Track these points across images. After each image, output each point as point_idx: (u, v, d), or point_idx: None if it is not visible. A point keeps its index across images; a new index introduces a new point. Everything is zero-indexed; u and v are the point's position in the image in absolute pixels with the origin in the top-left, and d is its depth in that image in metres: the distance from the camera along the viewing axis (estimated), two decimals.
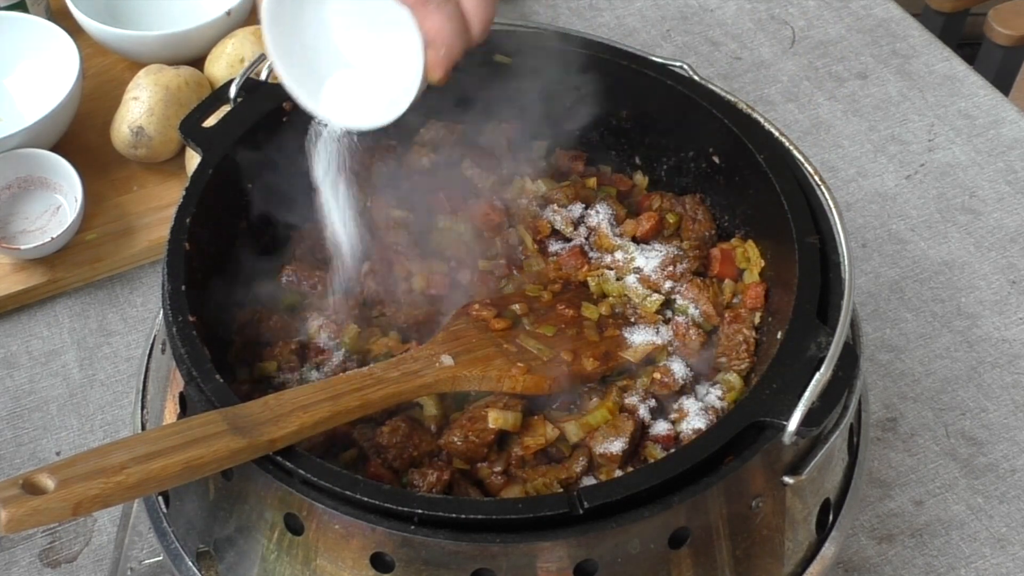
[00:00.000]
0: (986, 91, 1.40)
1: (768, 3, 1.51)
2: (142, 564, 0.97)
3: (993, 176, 1.31)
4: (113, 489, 0.62)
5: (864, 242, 1.25)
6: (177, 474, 0.64)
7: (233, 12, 1.34)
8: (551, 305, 0.88)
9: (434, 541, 0.66)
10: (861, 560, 1.01)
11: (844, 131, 1.36)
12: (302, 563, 0.70)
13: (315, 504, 0.68)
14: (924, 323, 1.18)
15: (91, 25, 1.33)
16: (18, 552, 1.02)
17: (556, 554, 0.67)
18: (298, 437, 0.69)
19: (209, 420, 0.68)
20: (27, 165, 1.21)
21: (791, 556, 0.75)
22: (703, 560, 0.71)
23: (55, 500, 0.60)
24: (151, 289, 1.20)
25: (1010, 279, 1.21)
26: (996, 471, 1.07)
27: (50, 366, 1.15)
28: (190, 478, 0.66)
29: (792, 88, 1.41)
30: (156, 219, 1.23)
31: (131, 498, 0.63)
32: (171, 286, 0.77)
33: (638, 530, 0.67)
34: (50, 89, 1.26)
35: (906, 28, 1.48)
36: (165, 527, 0.79)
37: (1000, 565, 1.01)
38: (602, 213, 0.94)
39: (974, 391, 1.12)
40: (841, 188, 1.30)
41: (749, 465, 0.70)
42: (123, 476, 0.62)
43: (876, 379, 1.13)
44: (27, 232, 1.20)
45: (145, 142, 1.23)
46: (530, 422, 0.80)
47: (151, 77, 1.24)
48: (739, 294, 0.89)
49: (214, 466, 0.66)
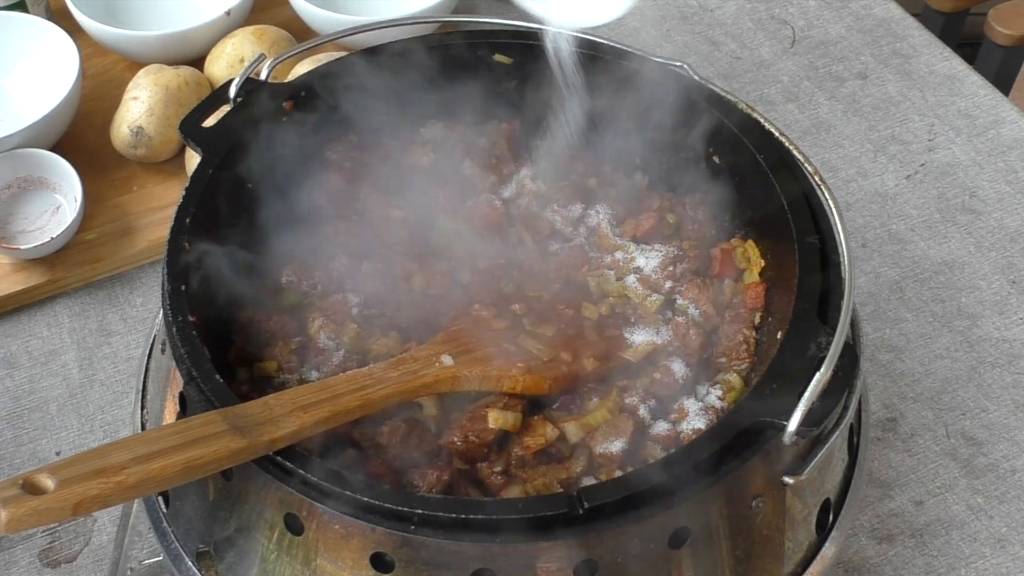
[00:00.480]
0: (986, 91, 1.40)
1: (768, 3, 1.51)
2: (142, 564, 0.97)
3: (993, 176, 1.31)
4: (113, 489, 0.62)
5: (864, 242, 1.25)
6: (177, 474, 0.64)
7: (233, 12, 1.34)
8: (551, 305, 0.87)
9: (434, 541, 0.66)
10: (861, 560, 1.01)
11: (844, 131, 1.36)
12: (302, 563, 0.70)
13: (315, 504, 0.68)
14: (924, 323, 1.18)
15: (91, 25, 1.33)
16: (18, 552, 1.02)
17: (556, 554, 0.67)
18: (298, 437, 0.69)
19: (209, 420, 0.67)
20: (27, 165, 1.21)
21: (791, 556, 0.75)
22: (703, 560, 0.71)
23: (55, 500, 0.60)
24: (151, 289, 1.20)
25: (1010, 279, 1.21)
26: (996, 471, 1.07)
27: (50, 366, 1.15)
28: (190, 478, 0.66)
29: (792, 88, 1.41)
30: (156, 219, 1.23)
31: (131, 498, 0.63)
32: (171, 286, 0.77)
33: (638, 530, 0.67)
34: (50, 89, 1.26)
35: (906, 28, 1.48)
36: (165, 527, 0.78)
37: (1000, 565, 1.01)
38: (602, 213, 0.93)
39: (974, 391, 1.12)
40: (841, 188, 1.30)
41: (749, 465, 0.70)
42: (123, 476, 0.62)
43: (876, 379, 1.13)
44: (27, 232, 1.20)
45: (145, 142, 1.23)
46: (530, 422, 0.80)
47: (151, 77, 1.24)
48: (739, 294, 0.89)
49: (214, 466, 0.66)
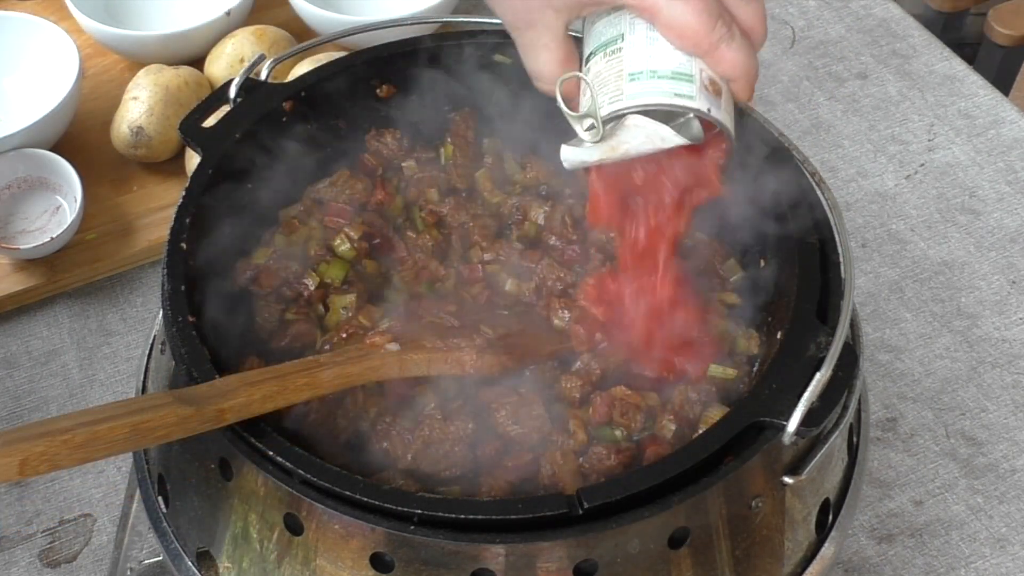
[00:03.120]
0: (986, 91, 1.40)
1: (768, 3, 1.50)
2: (142, 564, 0.97)
3: (993, 176, 1.31)
4: (60, 447, 0.63)
5: (864, 242, 1.25)
6: (125, 436, 0.65)
7: (233, 12, 1.34)
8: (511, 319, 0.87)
9: (434, 541, 0.66)
10: (861, 560, 1.01)
11: (844, 131, 1.36)
12: (302, 563, 0.70)
13: (315, 504, 0.68)
14: (924, 323, 1.18)
15: (91, 25, 1.33)
16: (18, 552, 1.02)
17: (556, 554, 0.67)
18: (248, 410, 0.70)
19: (157, 395, 0.72)
20: (27, 165, 1.21)
21: (791, 556, 0.75)
22: (703, 560, 0.71)
23: (1, 457, 0.61)
24: (151, 289, 1.20)
25: (1010, 279, 1.21)
26: (996, 471, 1.07)
27: (50, 366, 1.15)
28: (139, 443, 0.67)
29: (792, 88, 1.41)
30: (156, 219, 1.23)
31: (80, 460, 0.64)
32: (171, 286, 0.77)
33: (638, 530, 0.67)
34: (50, 89, 1.26)
35: (906, 28, 1.48)
36: (165, 527, 0.79)
37: (1000, 565, 1.01)
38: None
39: (974, 391, 1.12)
40: (841, 188, 1.30)
41: (749, 465, 0.70)
42: (69, 436, 0.63)
43: (876, 379, 1.13)
44: (27, 232, 1.20)
45: (145, 142, 1.23)
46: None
47: (151, 77, 1.24)
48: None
49: (162, 432, 0.67)
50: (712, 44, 0.72)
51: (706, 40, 0.72)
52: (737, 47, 0.72)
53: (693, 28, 0.71)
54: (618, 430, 0.79)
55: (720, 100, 0.74)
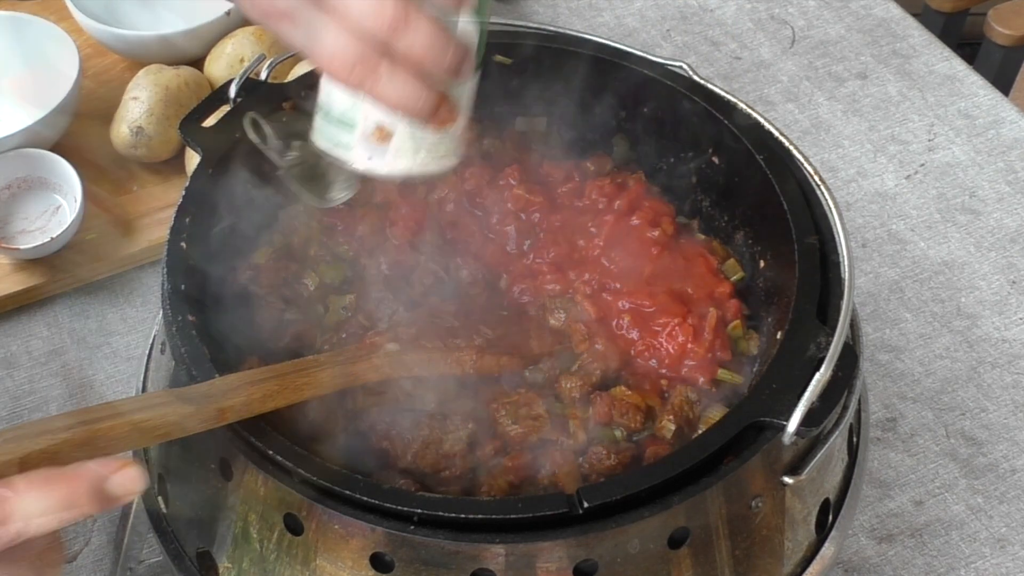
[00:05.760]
0: (986, 91, 1.40)
1: (768, 3, 1.51)
2: (142, 564, 0.97)
3: (993, 176, 1.31)
4: (60, 445, 0.63)
5: (864, 242, 1.25)
6: (125, 435, 0.65)
7: (233, 12, 1.34)
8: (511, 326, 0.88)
9: (434, 541, 0.66)
10: (861, 560, 1.01)
11: (844, 131, 1.36)
12: (302, 563, 0.70)
13: (315, 504, 0.68)
14: (924, 323, 1.18)
15: (91, 25, 1.33)
16: None
17: (556, 554, 0.67)
18: (248, 410, 0.70)
19: (157, 394, 0.71)
20: (27, 165, 1.21)
21: (791, 556, 0.76)
22: (703, 560, 0.71)
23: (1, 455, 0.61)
24: (151, 289, 1.20)
25: (1010, 279, 1.21)
26: (996, 471, 1.07)
27: (50, 366, 1.15)
28: (139, 442, 0.66)
29: (792, 88, 1.41)
30: (156, 219, 1.23)
31: (82, 458, 0.64)
32: (171, 286, 0.77)
33: (638, 530, 0.67)
34: (50, 89, 1.26)
35: (906, 28, 1.48)
36: (165, 527, 0.79)
37: (1000, 565, 1.01)
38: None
39: (974, 391, 1.12)
40: (841, 188, 1.30)
41: (749, 465, 0.70)
42: (69, 434, 0.63)
43: (876, 379, 1.13)
44: (27, 232, 1.20)
45: (145, 142, 1.23)
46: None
47: (151, 77, 1.24)
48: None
49: (162, 431, 0.67)
50: (360, 78, 0.63)
51: (355, 74, 0.63)
52: (399, 80, 0.63)
53: (340, 59, 0.62)
54: (618, 430, 0.79)
55: (388, 146, 0.68)
